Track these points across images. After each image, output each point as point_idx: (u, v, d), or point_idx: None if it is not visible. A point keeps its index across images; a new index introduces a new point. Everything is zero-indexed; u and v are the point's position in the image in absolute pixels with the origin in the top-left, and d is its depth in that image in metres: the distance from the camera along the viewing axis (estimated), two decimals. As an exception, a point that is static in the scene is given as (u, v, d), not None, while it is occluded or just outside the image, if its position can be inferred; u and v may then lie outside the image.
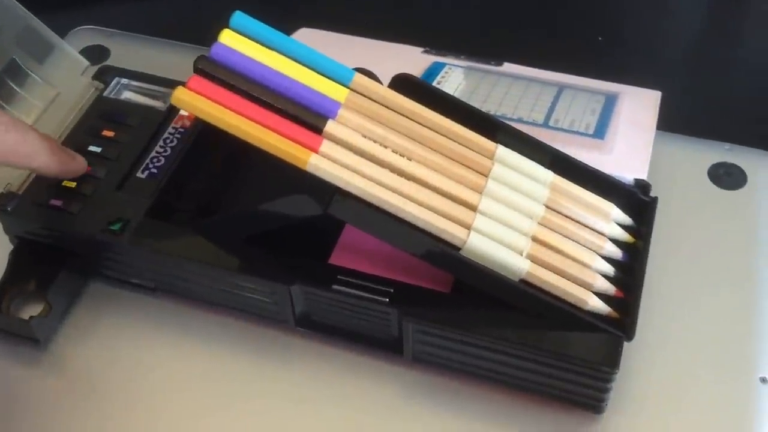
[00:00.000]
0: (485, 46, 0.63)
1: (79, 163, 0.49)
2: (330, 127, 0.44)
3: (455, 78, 0.57)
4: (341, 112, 0.45)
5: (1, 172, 0.50)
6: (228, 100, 0.43)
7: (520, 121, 0.53)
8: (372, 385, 0.47)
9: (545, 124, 0.53)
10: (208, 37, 0.65)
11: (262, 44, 0.45)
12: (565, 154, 0.49)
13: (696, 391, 0.46)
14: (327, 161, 0.43)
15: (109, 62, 0.64)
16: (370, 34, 0.62)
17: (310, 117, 0.44)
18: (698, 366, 0.47)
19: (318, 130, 0.44)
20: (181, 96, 0.43)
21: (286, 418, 0.47)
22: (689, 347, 0.47)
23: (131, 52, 0.66)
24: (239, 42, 0.45)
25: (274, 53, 0.45)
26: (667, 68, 0.68)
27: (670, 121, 0.55)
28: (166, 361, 0.49)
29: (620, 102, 0.55)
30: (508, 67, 0.59)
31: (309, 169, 0.43)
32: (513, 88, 0.56)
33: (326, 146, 0.44)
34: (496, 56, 0.61)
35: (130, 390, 0.48)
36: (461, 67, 0.58)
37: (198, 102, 0.43)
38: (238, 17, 0.45)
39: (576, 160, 0.49)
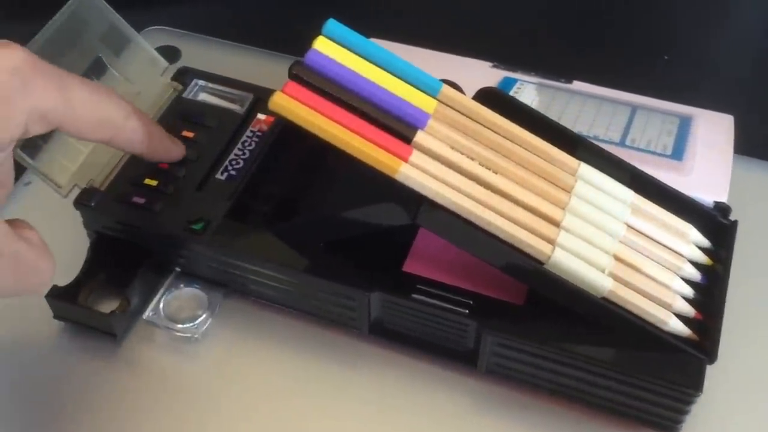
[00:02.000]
0: (552, 62, 0.63)
1: (180, 149, 0.51)
2: (420, 137, 0.45)
3: (528, 93, 0.57)
4: (431, 123, 0.45)
5: (84, 168, 0.50)
6: (321, 106, 0.44)
7: (596, 138, 0.54)
8: (442, 395, 0.48)
9: (622, 143, 0.54)
10: (272, 41, 0.66)
11: (353, 52, 0.46)
12: (645, 173, 0.49)
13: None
14: (417, 171, 0.44)
15: (180, 63, 0.64)
16: (436, 48, 0.62)
17: (400, 127, 0.45)
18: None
19: (408, 140, 0.44)
20: (279, 101, 0.43)
21: (353, 424, 0.47)
22: (766, 371, 0.47)
23: (202, 54, 0.67)
24: (333, 49, 0.45)
25: (364, 61, 0.46)
26: (736, 87, 0.68)
27: (743, 144, 0.55)
28: (238, 361, 0.49)
29: (695, 124, 0.55)
30: (578, 85, 0.59)
31: (399, 178, 0.43)
32: (586, 107, 0.57)
33: (416, 156, 0.44)
34: (565, 74, 0.61)
35: (198, 389, 0.48)
36: (532, 83, 0.59)
37: (295, 107, 0.43)
38: (332, 25, 0.46)
39: (655, 179, 0.49)
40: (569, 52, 0.69)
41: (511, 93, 0.58)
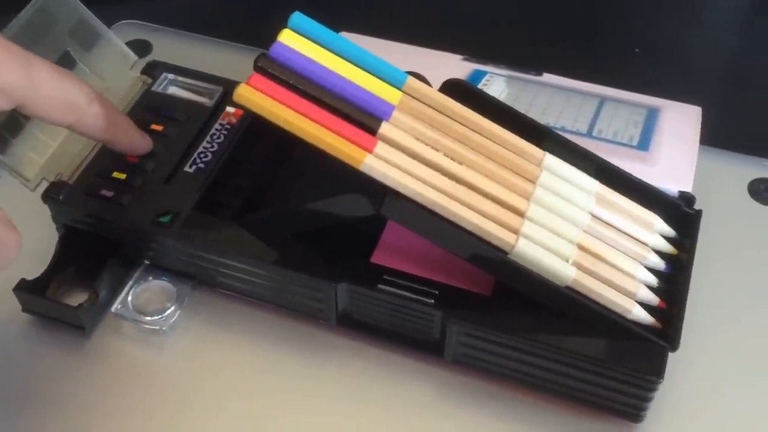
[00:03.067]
0: (523, 55, 0.63)
1: (147, 142, 0.51)
2: (384, 128, 0.45)
3: (497, 86, 0.58)
4: (395, 114, 0.45)
5: (52, 161, 0.50)
6: (286, 98, 0.44)
7: (563, 130, 0.54)
8: (410, 385, 0.48)
9: (589, 134, 0.54)
10: (244, 34, 0.66)
11: (319, 44, 0.46)
12: (611, 164, 0.49)
13: (735, 403, 0.46)
14: (381, 162, 0.44)
15: (151, 57, 0.64)
16: (407, 41, 0.62)
17: (365, 118, 0.45)
18: (737, 378, 0.47)
19: (372, 131, 0.45)
20: (244, 93, 0.43)
21: (322, 415, 0.47)
22: (729, 359, 0.48)
23: (173, 47, 0.67)
24: (298, 42, 0.45)
25: (330, 54, 0.46)
26: (706, 81, 0.68)
27: (710, 135, 0.55)
28: (207, 353, 0.49)
29: (662, 115, 0.56)
30: (548, 77, 0.60)
31: (363, 169, 0.43)
32: (555, 99, 0.57)
33: (380, 147, 0.44)
34: (535, 66, 0.61)
35: (166, 381, 0.48)
36: (502, 75, 0.59)
37: (260, 99, 0.43)
38: (297, 18, 0.46)
39: (621, 170, 0.49)
40: (540, 45, 0.69)
41: (480, 85, 0.58)
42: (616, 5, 0.73)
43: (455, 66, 0.60)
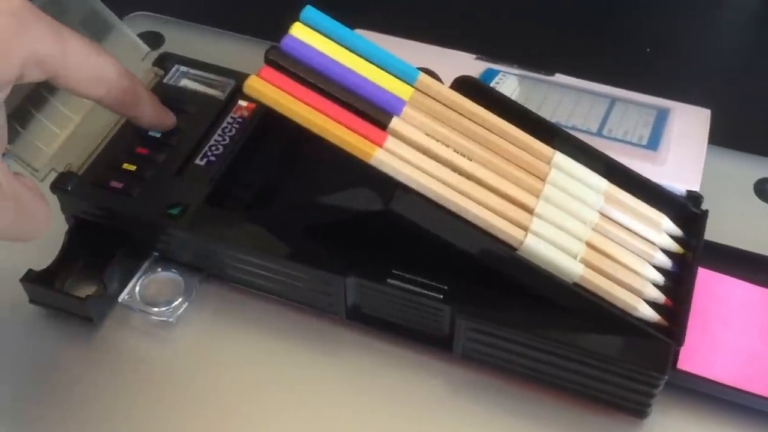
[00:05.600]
0: (535, 55, 0.63)
1: (171, 118, 0.52)
2: (395, 123, 0.45)
3: (509, 85, 0.58)
4: (406, 109, 0.46)
5: (61, 152, 0.50)
6: (297, 91, 0.44)
7: (574, 128, 0.54)
8: (418, 379, 0.48)
9: (599, 133, 0.54)
10: (257, 27, 0.66)
11: (331, 39, 0.46)
12: (619, 163, 0.49)
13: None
14: (391, 156, 0.44)
15: (163, 49, 0.64)
16: (420, 39, 0.62)
17: (376, 113, 0.45)
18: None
19: (383, 126, 0.45)
20: (254, 85, 0.43)
21: (331, 409, 0.47)
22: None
23: (185, 39, 0.67)
24: (309, 35, 0.46)
25: (342, 48, 0.46)
26: (714, 81, 0.68)
27: (717, 135, 0.55)
28: (214, 346, 0.50)
29: (672, 116, 0.56)
30: (560, 77, 0.60)
31: (373, 163, 0.44)
32: (566, 98, 0.57)
33: (390, 142, 0.44)
34: (547, 66, 0.61)
35: (175, 372, 0.49)
36: (514, 75, 0.59)
37: (270, 91, 0.44)
38: (309, 11, 0.46)
39: (629, 169, 0.49)
40: (553, 45, 0.69)
41: (492, 84, 0.58)
42: (628, 6, 0.73)
43: (468, 64, 0.60)
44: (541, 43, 0.70)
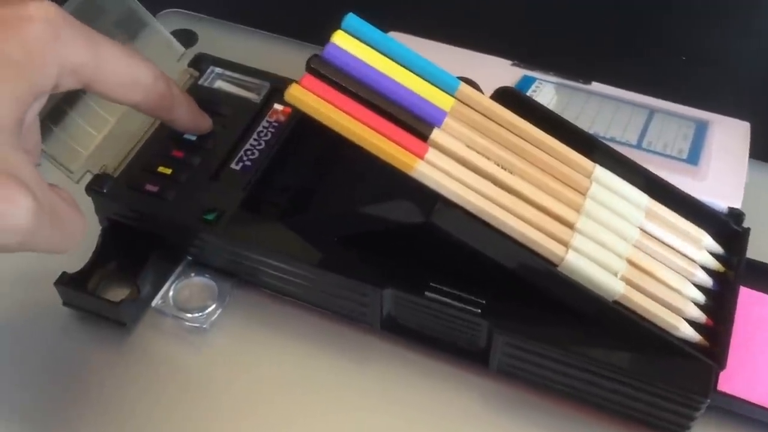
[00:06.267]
0: (569, 62, 0.63)
1: (207, 122, 0.51)
2: (436, 135, 0.44)
3: (547, 93, 0.57)
4: (447, 121, 0.45)
5: (97, 153, 0.50)
6: (338, 100, 0.44)
7: (613, 140, 0.54)
8: (452, 392, 0.48)
9: (638, 146, 0.54)
10: (290, 28, 0.66)
11: (372, 47, 0.46)
12: (660, 178, 0.49)
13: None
14: (432, 169, 0.44)
15: (196, 48, 0.64)
16: (455, 43, 0.62)
17: (417, 124, 0.44)
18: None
19: (424, 137, 0.44)
20: (296, 93, 0.43)
21: (361, 420, 0.47)
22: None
23: (218, 38, 0.67)
24: (351, 44, 0.45)
25: (383, 57, 0.46)
26: (755, 92, 0.67)
27: (759, 149, 0.55)
28: (246, 352, 0.49)
29: (711, 129, 0.55)
30: (597, 86, 0.59)
31: (415, 175, 0.43)
32: (604, 108, 0.56)
33: (432, 154, 0.44)
34: (583, 74, 0.60)
35: (206, 379, 0.48)
36: (551, 82, 0.58)
37: (311, 100, 0.43)
38: (351, 19, 0.45)
39: (670, 184, 0.49)
40: (589, 53, 0.68)
41: (529, 92, 0.58)
42: (665, 15, 0.73)
43: (504, 71, 0.60)
44: (574, 50, 0.69)
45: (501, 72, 0.59)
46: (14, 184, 0.35)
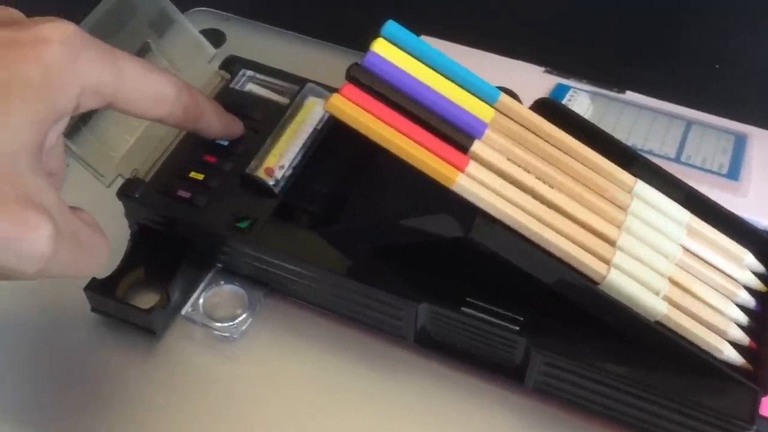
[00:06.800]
0: (602, 70, 0.62)
1: (238, 126, 0.50)
2: (476, 147, 0.44)
3: (582, 103, 0.56)
4: (488, 132, 0.44)
5: (128, 157, 0.49)
6: (378, 110, 0.43)
7: (651, 153, 0.53)
8: (486, 409, 0.47)
9: (677, 159, 0.53)
10: (321, 30, 0.65)
11: (411, 55, 0.45)
12: (701, 194, 0.48)
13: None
14: (472, 182, 0.43)
15: (224, 48, 0.63)
16: (484, 47, 0.61)
17: (457, 136, 0.43)
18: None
19: (464, 149, 0.43)
20: (336, 103, 0.42)
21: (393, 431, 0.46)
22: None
23: (246, 39, 0.66)
24: (391, 52, 0.44)
25: (423, 66, 0.45)
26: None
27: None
28: (275, 363, 0.48)
29: (750, 143, 0.54)
30: (631, 95, 0.58)
31: (455, 189, 0.42)
32: (640, 119, 0.56)
33: (472, 167, 0.43)
34: (615, 82, 0.59)
35: (235, 389, 0.47)
36: (586, 91, 0.57)
37: (351, 110, 0.42)
38: (391, 26, 0.45)
39: (711, 200, 0.48)
40: (621, 61, 0.67)
41: (565, 101, 0.57)
42: (701, 22, 0.71)
43: (538, 78, 0.59)
44: (609, 59, 0.68)
45: (534, 79, 0.58)
46: (33, 210, 0.34)
